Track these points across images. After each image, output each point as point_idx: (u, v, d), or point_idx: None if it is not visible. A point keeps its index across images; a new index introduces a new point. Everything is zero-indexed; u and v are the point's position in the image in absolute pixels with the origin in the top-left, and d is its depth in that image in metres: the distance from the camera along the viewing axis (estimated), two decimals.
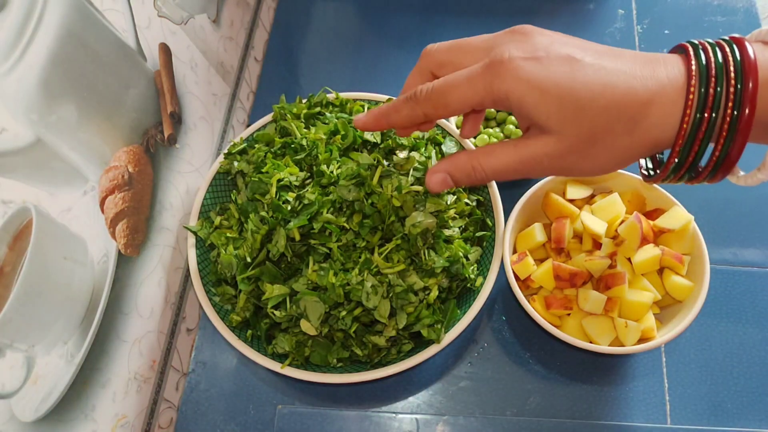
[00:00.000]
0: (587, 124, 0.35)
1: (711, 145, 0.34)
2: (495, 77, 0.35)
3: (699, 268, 0.51)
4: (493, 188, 0.56)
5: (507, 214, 0.54)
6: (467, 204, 0.54)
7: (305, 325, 0.49)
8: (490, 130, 0.64)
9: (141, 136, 0.51)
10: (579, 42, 0.36)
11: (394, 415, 0.55)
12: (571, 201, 0.56)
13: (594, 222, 0.52)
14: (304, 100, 0.61)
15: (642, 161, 0.39)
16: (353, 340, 0.50)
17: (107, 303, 0.47)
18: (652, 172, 0.38)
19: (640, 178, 0.55)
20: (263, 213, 0.51)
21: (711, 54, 0.32)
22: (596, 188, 0.57)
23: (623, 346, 0.50)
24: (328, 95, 0.60)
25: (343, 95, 0.61)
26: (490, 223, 0.55)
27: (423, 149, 0.55)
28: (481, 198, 0.56)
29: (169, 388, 0.56)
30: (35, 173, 0.40)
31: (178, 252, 0.58)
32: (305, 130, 0.56)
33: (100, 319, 0.46)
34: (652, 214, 0.54)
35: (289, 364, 0.50)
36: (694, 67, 0.32)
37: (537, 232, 0.54)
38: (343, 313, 0.48)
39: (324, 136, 0.53)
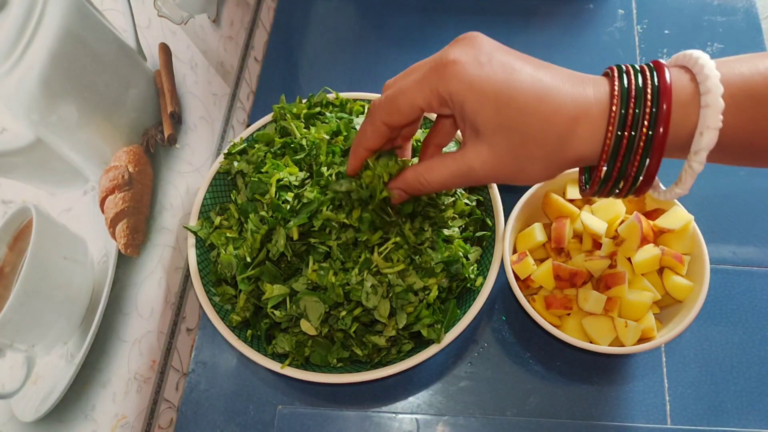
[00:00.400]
0: (519, 132, 0.36)
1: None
2: (440, 78, 0.37)
3: (699, 268, 0.51)
4: (493, 188, 0.56)
5: (507, 214, 0.54)
6: (467, 204, 0.54)
7: (305, 325, 0.49)
8: None
9: (141, 136, 0.51)
10: (520, 54, 0.38)
11: (394, 415, 0.55)
12: (571, 201, 0.56)
13: (594, 222, 0.52)
14: (304, 100, 0.61)
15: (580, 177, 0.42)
16: (353, 340, 0.50)
17: (107, 303, 0.47)
18: (585, 186, 0.40)
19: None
20: (263, 213, 0.51)
21: (633, 77, 0.35)
22: None
23: (623, 346, 0.50)
24: (328, 95, 0.60)
25: (343, 95, 0.61)
26: (490, 223, 0.55)
27: None
28: (481, 198, 0.56)
29: (169, 388, 0.56)
30: (35, 173, 0.40)
31: (178, 252, 0.58)
32: (305, 130, 0.56)
33: (100, 319, 0.46)
34: (652, 214, 0.54)
35: (289, 364, 0.50)
36: (617, 89, 0.35)
37: (537, 232, 0.54)
38: (343, 313, 0.48)
39: (327, 136, 0.53)
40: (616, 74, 0.36)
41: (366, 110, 0.59)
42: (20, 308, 0.38)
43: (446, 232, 0.52)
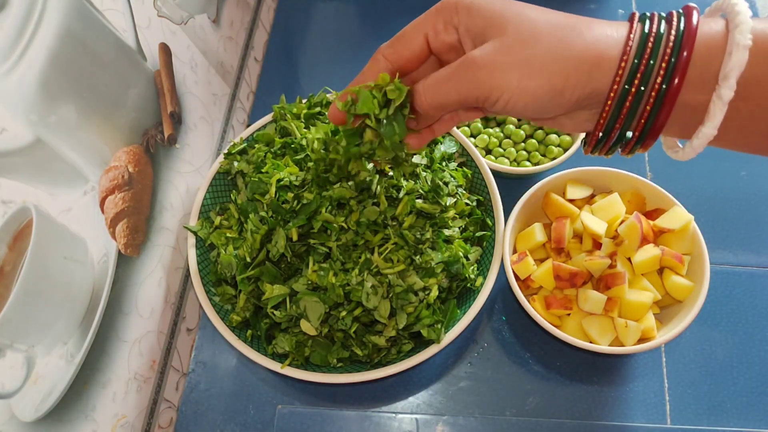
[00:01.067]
0: (529, 26, 0.34)
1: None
2: (445, 2, 0.36)
3: (699, 268, 0.51)
4: (493, 188, 0.56)
5: (507, 214, 0.54)
6: (467, 204, 0.54)
7: (305, 325, 0.49)
8: (491, 130, 0.64)
9: (141, 136, 0.51)
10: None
11: (394, 415, 0.55)
12: (571, 201, 0.56)
13: (594, 222, 0.52)
14: (304, 100, 0.61)
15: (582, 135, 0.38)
16: (353, 340, 0.50)
17: (107, 303, 0.47)
18: (586, 141, 0.37)
19: (640, 177, 0.55)
20: (263, 213, 0.51)
21: (655, 25, 0.32)
22: (596, 188, 0.57)
23: (623, 346, 0.50)
24: (328, 95, 0.60)
25: None
26: (490, 223, 0.55)
27: (423, 152, 0.55)
28: (481, 198, 0.56)
29: (169, 388, 0.56)
30: (35, 173, 0.40)
31: (178, 252, 0.58)
32: (305, 130, 0.56)
33: (100, 319, 0.46)
34: (652, 214, 0.54)
35: (289, 364, 0.50)
36: (632, 38, 0.32)
37: (537, 232, 0.54)
38: (343, 313, 0.48)
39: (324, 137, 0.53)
40: (636, 19, 0.33)
41: None
42: (20, 308, 0.38)
43: (446, 232, 0.52)
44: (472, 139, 0.63)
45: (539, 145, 0.62)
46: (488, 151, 0.63)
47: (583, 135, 0.43)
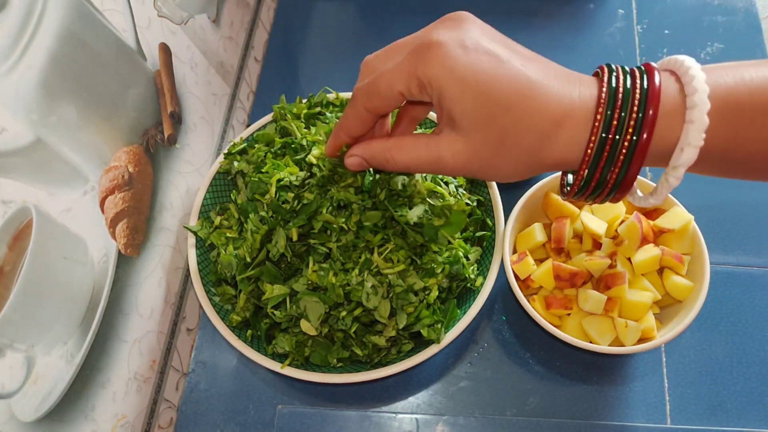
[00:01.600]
0: (498, 129, 0.35)
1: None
2: (420, 61, 0.35)
3: (699, 268, 0.51)
4: (493, 188, 0.56)
5: (507, 214, 0.54)
6: (467, 204, 0.54)
7: (305, 325, 0.49)
8: None
9: (141, 136, 0.51)
10: (509, 42, 0.36)
11: (394, 415, 0.55)
12: (571, 201, 0.56)
13: (594, 222, 0.52)
14: (304, 100, 0.61)
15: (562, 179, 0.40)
16: (353, 340, 0.50)
17: (107, 303, 0.47)
18: (567, 189, 0.38)
19: (640, 177, 0.55)
20: (263, 213, 0.51)
21: (621, 79, 0.33)
22: None
23: (623, 346, 0.50)
24: (328, 95, 0.60)
25: (343, 95, 0.61)
26: (490, 223, 0.55)
27: None
28: (481, 198, 0.56)
29: (169, 388, 0.56)
30: (35, 173, 0.40)
31: (178, 252, 0.58)
32: (305, 130, 0.56)
33: (100, 319, 0.46)
34: (652, 214, 0.54)
35: (289, 364, 0.50)
36: (604, 92, 0.33)
37: (537, 232, 0.54)
38: (343, 313, 0.48)
39: (322, 138, 0.54)
40: (606, 75, 0.34)
41: None
42: (20, 308, 0.38)
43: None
44: None
45: None
46: None
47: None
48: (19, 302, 0.38)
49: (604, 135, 0.33)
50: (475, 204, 0.55)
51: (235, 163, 0.57)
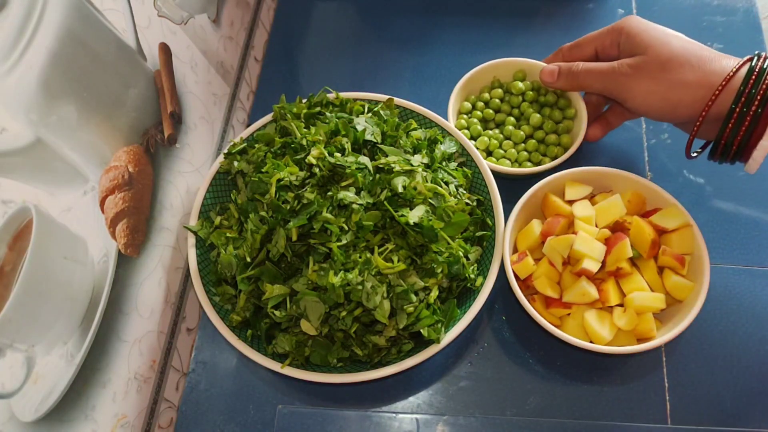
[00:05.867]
0: (666, 53, 0.50)
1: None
2: (616, 25, 0.55)
3: (699, 268, 0.51)
4: (494, 188, 0.56)
5: (507, 214, 0.54)
6: (467, 204, 0.54)
7: (305, 325, 0.49)
8: (490, 132, 0.64)
9: (141, 136, 0.51)
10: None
11: (394, 415, 0.55)
12: (570, 202, 0.56)
13: (584, 209, 0.52)
14: (304, 100, 0.61)
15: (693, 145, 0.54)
16: (353, 340, 0.50)
17: (107, 303, 0.47)
18: (694, 153, 0.55)
19: (640, 177, 0.55)
20: (263, 213, 0.51)
21: (763, 61, 0.47)
22: (596, 188, 0.57)
23: (623, 346, 0.50)
24: (328, 95, 0.60)
25: (343, 95, 0.61)
26: (490, 222, 0.55)
27: (424, 151, 0.55)
28: (481, 198, 0.56)
29: (169, 388, 0.56)
30: (35, 173, 0.40)
31: (178, 252, 0.58)
32: (305, 130, 0.56)
33: (100, 319, 0.46)
34: (652, 214, 0.54)
35: (289, 364, 0.50)
36: (742, 69, 0.48)
37: (536, 228, 0.54)
38: (344, 313, 0.48)
39: (323, 138, 0.54)
40: (752, 59, 0.48)
41: (366, 110, 0.59)
42: (20, 308, 0.38)
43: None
44: (473, 142, 0.63)
45: (539, 144, 0.62)
46: (489, 153, 0.63)
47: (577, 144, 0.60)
48: (19, 302, 0.38)
49: (733, 106, 0.47)
50: (475, 204, 0.55)
51: (235, 163, 0.57)
